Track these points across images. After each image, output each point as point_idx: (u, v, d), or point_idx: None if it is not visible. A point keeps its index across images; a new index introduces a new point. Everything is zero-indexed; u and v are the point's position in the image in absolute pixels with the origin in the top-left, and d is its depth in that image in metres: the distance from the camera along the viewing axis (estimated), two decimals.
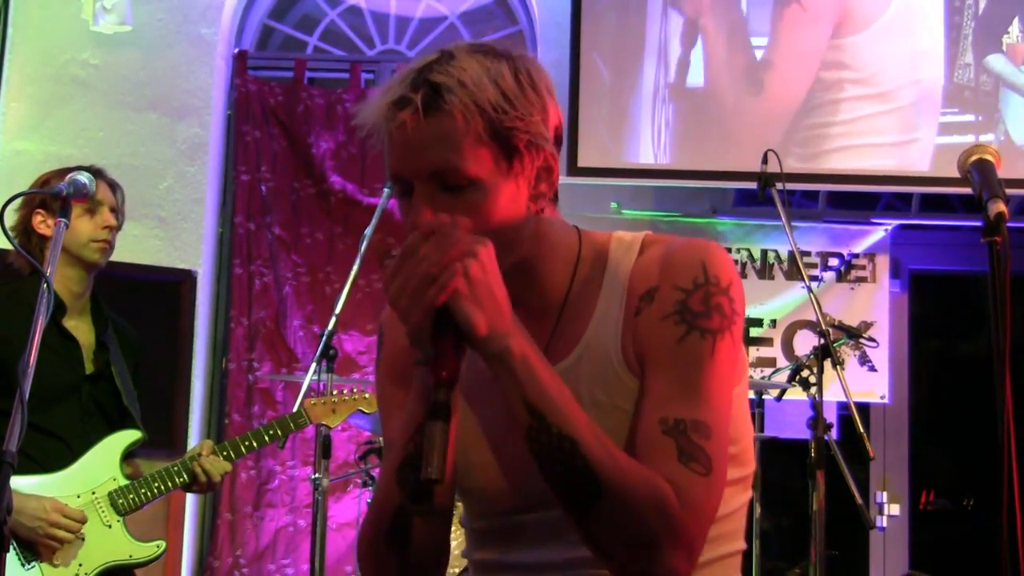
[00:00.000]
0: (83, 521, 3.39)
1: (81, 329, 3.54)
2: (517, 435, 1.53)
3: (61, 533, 3.34)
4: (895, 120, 5.67)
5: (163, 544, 3.54)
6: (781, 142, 5.28)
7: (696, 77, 5.74)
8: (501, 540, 1.70)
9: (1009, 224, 1.74)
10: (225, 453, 3.58)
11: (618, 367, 1.61)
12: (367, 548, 1.68)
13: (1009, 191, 1.81)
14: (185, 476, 3.52)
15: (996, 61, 5.66)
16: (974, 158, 1.86)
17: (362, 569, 1.71)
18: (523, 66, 1.58)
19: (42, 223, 3.47)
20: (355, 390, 3.97)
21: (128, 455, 3.57)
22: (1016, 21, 5.67)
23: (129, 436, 3.55)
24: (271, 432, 3.68)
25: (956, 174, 1.88)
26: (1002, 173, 1.83)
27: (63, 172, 3.08)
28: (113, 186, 3.58)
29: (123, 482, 3.50)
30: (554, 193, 1.63)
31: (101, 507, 3.46)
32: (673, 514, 1.49)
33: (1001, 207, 1.74)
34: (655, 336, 1.59)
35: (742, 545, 1.73)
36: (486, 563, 1.74)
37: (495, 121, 1.52)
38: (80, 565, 3.39)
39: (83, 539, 3.40)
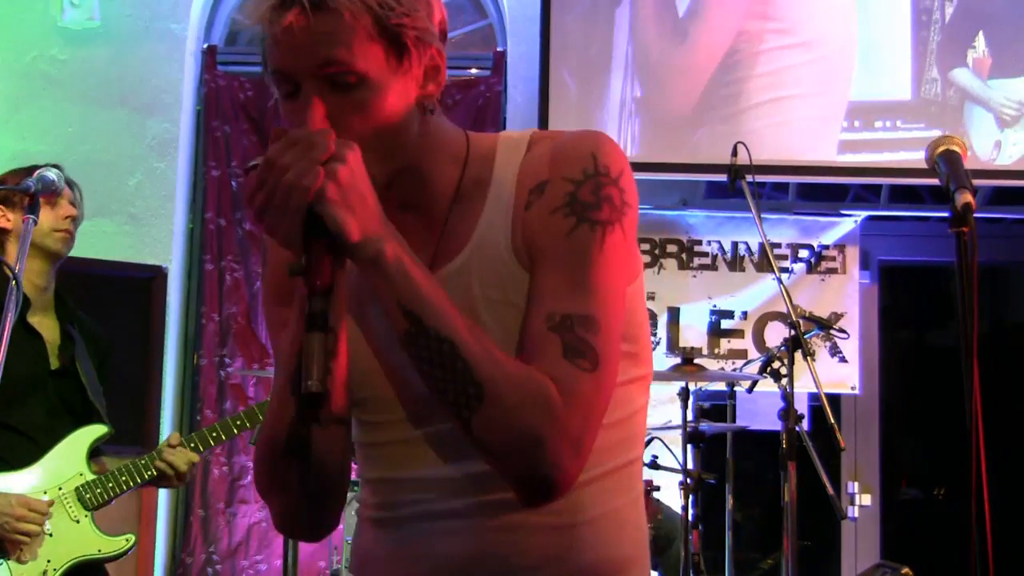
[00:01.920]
0: (45, 511, 3.37)
1: (46, 325, 3.52)
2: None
3: (27, 526, 3.32)
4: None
5: (132, 538, 3.53)
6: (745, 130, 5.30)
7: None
8: (394, 456, 1.67)
9: (976, 214, 1.75)
10: (193, 444, 3.58)
11: (510, 263, 1.59)
12: (265, 466, 1.63)
13: (975, 181, 1.82)
14: (153, 470, 3.52)
15: (962, 75, 5.69)
16: (941, 149, 1.87)
17: (260, 489, 1.66)
18: None
19: (1, 217, 3.45)
20: None
21: (95, 453, 3.55)
22: (981, 35, 5.69)
23: (95, 431, 3.53)
24: (239, 423, 3.68)
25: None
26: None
27: (23, 171, 3.07)
28: (70, 183, 3.57)
29: (90, 477, 3.49)
30: (441, 94, 1.60)
31: (68, 502, 3.44)
32: (556, 410, 1.47)
33: (968, 198, 1.75)
34: (544, 230, 1.57)
35: (640, 452, 1.72)
36: (380, 480, 1.71)
37: (382, 18, 1.49)
38: (48, 561, 3.37)
39: (50, 534, 3.38)
